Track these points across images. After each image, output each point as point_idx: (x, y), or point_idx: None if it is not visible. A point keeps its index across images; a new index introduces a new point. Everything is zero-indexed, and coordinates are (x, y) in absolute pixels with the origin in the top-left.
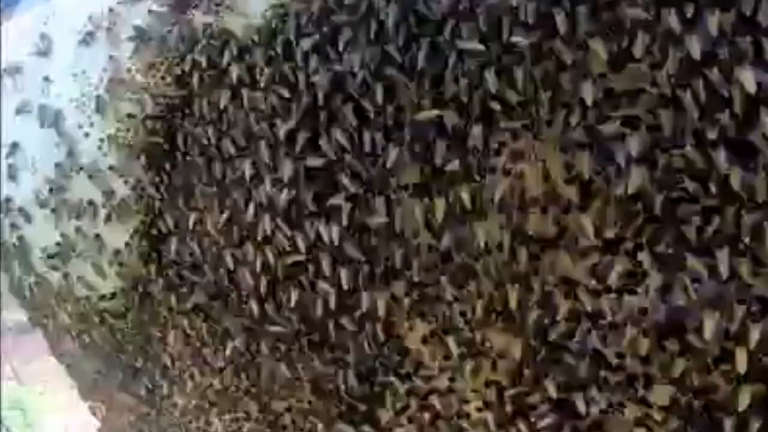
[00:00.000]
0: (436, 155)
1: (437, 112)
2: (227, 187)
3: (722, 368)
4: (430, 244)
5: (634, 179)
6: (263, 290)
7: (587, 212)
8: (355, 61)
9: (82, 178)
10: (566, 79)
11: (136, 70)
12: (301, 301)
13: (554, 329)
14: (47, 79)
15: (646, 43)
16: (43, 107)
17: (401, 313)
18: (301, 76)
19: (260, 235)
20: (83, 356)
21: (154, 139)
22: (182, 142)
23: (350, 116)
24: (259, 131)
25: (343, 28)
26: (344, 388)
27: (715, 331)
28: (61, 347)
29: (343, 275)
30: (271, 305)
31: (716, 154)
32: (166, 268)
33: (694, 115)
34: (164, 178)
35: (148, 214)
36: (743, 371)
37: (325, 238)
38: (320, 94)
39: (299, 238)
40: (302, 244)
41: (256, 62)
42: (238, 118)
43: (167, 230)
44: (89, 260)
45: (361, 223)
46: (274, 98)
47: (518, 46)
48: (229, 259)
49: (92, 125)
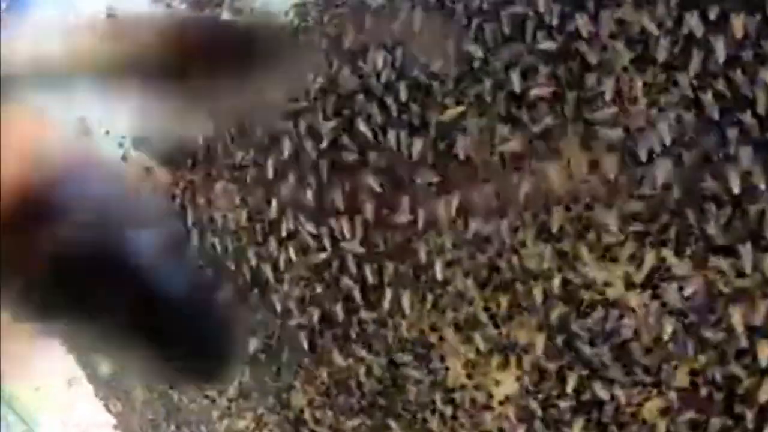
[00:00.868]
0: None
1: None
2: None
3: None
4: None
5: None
6: (287, 286)
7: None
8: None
9: None
10: None
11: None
12: (324, 296)
13: (577, 323)
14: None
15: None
16: None
17: (425, 308)
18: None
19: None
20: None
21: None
22: (203, 140)
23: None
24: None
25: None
26: (367, 381)
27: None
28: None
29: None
30: (293, 300)
31: None
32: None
33: None
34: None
35: None
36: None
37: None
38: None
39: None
40: (327, 240)
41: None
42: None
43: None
44: None
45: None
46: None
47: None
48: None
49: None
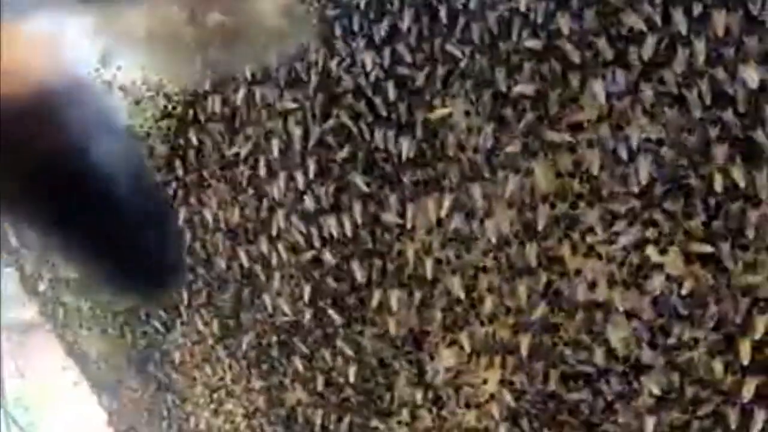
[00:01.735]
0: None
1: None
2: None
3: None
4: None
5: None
6: (277, 285)
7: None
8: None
9: None
10: None
11: (150, 68)
12: (313, 295)
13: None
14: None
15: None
16: None
17: (413, 308)
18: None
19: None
20: (95, 350)
21: (167, 136)
22: (196, 139)
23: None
24: (273, 129)
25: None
26: (355, 381)
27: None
28: (71, 340)
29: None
30: (282, 299)
31: None
32: None
33: None
34: (179, 174)
35: None
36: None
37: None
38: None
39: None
40: (316, 239)
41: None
42: (251, 115)
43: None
44: None
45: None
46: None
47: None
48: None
49: None
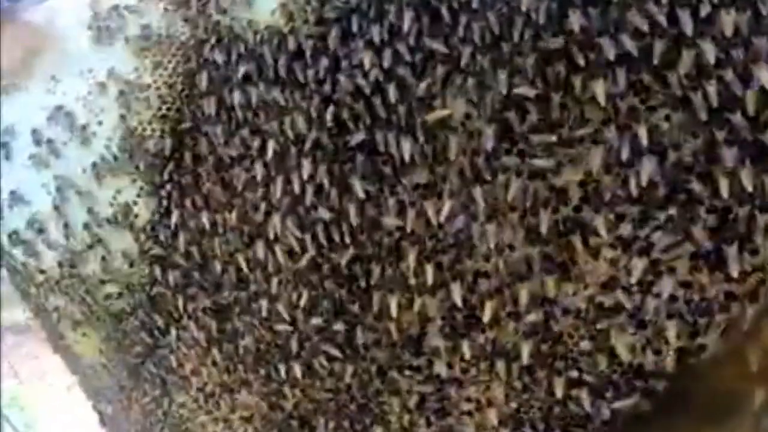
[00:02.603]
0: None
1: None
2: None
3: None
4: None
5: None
6: (274, 290)
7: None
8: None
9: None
10: None
11: (143, 69)
12: (312, 300)
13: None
14: (53, 77)
15: None
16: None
17: (413, 311)
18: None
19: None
20: (88, 354)
21: (161, 138)
22: (190, 141)
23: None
24: (269, 130)
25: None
26: (355, 385)
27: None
28: (61, 340)
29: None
30: (281, 304)
31: None
32: (174, 267)
33: None
34: (172, 177)
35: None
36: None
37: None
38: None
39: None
40: (311, 243)
41: (265, 61)
42: (247, 116)
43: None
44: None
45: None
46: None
47: None
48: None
49: (100, 124)
